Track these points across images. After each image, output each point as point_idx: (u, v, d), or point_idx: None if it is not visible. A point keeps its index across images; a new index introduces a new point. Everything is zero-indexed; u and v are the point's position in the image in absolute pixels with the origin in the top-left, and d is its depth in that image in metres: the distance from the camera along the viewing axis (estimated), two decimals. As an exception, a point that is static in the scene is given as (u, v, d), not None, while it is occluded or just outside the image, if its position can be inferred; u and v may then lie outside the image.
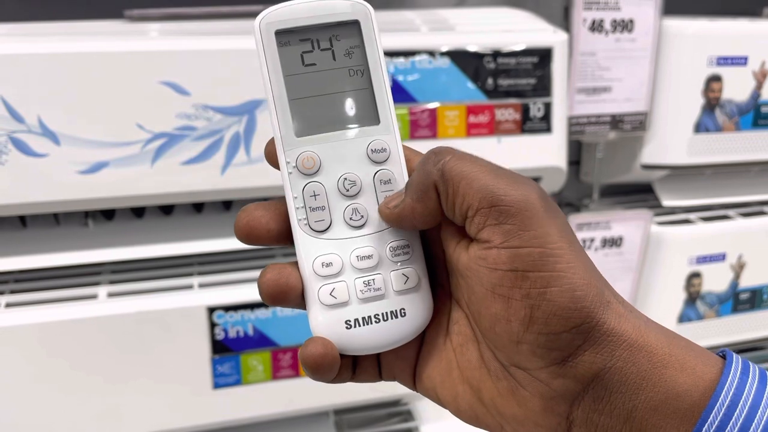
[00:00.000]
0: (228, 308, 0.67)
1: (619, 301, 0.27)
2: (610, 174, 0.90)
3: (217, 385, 0.68)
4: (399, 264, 0.31)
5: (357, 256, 0.30)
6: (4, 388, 0.64)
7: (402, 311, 0.31)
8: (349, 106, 0.31)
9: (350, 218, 0.31)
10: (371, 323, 0.30)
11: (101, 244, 0.69)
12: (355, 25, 0.31)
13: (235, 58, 0.64)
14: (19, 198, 0.62)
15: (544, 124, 0.74)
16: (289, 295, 0.30)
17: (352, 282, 0.30)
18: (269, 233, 0.30)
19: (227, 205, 0.74)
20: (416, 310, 0.31)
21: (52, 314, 0.64)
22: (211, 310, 0.67)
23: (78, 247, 0.69)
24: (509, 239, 0.27)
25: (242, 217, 0.30)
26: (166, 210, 0.73)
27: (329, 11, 0.31)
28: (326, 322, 0.30)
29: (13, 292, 0.68)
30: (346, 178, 0.31)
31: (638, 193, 0.97)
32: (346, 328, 0.30)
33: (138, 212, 0.72)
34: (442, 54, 0.70)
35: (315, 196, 0.30)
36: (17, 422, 0.64)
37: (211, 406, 0.69)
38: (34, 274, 0.70)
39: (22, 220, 0.70)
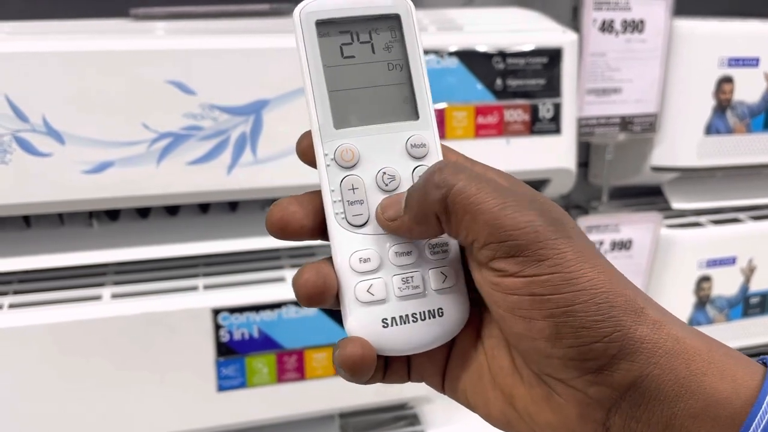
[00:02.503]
0: (233, 310, 0.67)
1: (654, 308, 0.27)
2: (619, 176, 0.89)
3: (221, 388, 0.68)
4: (437, 262, 0.30)
5: (395, 252, 0.30)
6: (8, 390, 0.63)
7: (440, 311, 0.30)
8: (388, 100, 0.31)
9: None
10: (408, 322, 0.29)
11: (106, 244, 0.69)
12: (395, 19, 0.31)
13: (241, 57, 0.63)
14: (23, 198, 0.61)
15: (554, 126, 0.73)
16: (326, 294, 0.29)
17: (390, 279, 0.29)
18: (303, 228, 0.30)
19: (233, 205, 0.74)
20: (454, 311, 0.30)
21: (56, 315, 0.64)
22: (216, 311, 0.66)
23: (82, 247, 0.68)
24: (524, 269, 0.26)
25: (275, 212, 0.30)
26: (172, 210, 0.72)
27: (370, 4, 0.30)
28: (363, 321, 0.29)
29: (16, 292, 0.68)
30: (384, 172, 0.30)
31: (647, 196, 0.96)
32: (383, 327, 0.29)
33: (143, 213, 0.72)
34: (450, 54, 0.69)
35: (353, 189, 0.30)
36: (20, 423, 0.64)
37: (215, 409, 0.68)
38: (38, 275, 0.70)
39: (26, 220, 0.70)
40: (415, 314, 0.29)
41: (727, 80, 0.81)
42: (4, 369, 0.63)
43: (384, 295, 0.29)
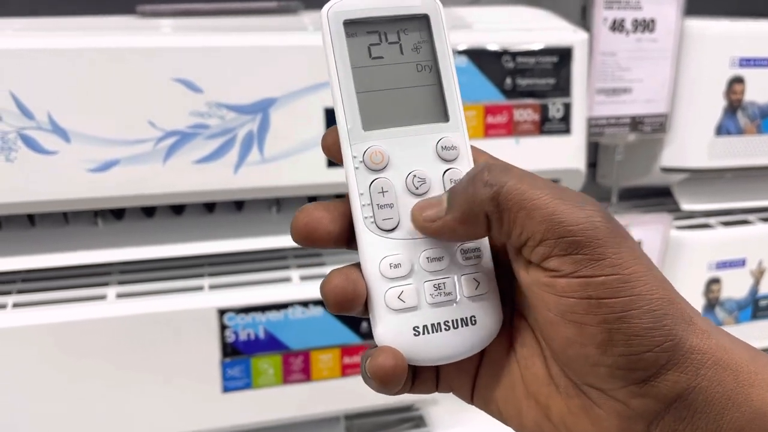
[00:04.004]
0: (239, 310, 0.66)
1: (700, 317, 0.26)
2: (628, 177, 0.89)
3: (226, 389, 0.67)
4: (469, 268, 0.29)
5: (427, 258, 0.29)
6: (11, 390, 0.63)
7: (472, 318, 0.29)
8: (418, 102, 0.30)
9: None
10: (441, 330, 0.28)
11: (111, 243, 0.68)
12: (424, 19, 0.30)
13: (249, 55, 0.63)
14: (27, 196, 0.61)
15: (563, 125, 0.72)
16: (356, 301, 0.28)
17: (421, 285, 0.29)
18: (329, 235, 0.29)
19: (239, 205, 0.73)
20: (487, 318, 0.29)
21: (60, 315, 0.63)
22: (222, 312, 0.66)
23: (87, 246, 0.68)
24: (580, 269, 0.25)
25: (301, 218, 0.29)
26: (177, 210, 0.72)
27: (398, 3, 0.30)
28: (393, 329, 0.28)
29: (20, 292, 0.67)
30: (415, 175, 0.29)
31: (657, 197, 0.95)
32: (414, 335, 0.28)
33: (148, 212, 0.71)
34: (460, 53, 0.68)
35: (383, 192, 0.29)
36: (24, 423, 0.64)
37: (220, 410, 0.68)
38: (42, 274, 0.69)
39: (31, 219, 0.69)
40: (447, 322, 0.29)
41: (738, 80, 0.81)
42: (8, 369, 0.62)
43: (415, 301, 0.28)
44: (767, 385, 0.24)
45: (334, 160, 0.30)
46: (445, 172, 0.29)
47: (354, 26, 0.29)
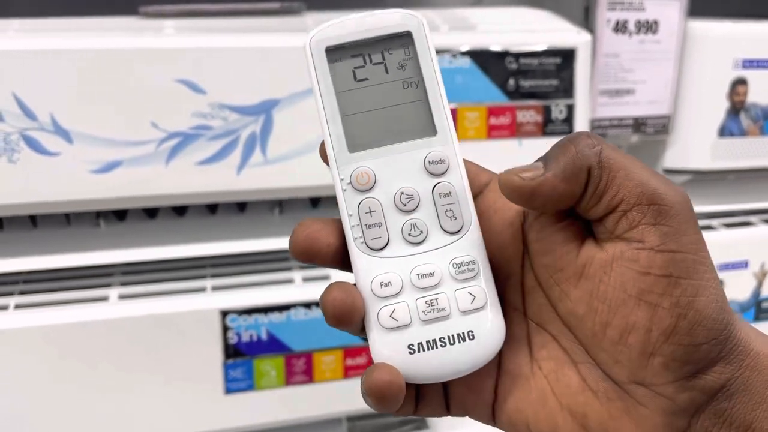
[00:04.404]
0: (241, 312, 0.66)
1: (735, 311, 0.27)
2: (630, 178, 0.88)
3: (229, 390, 0.67)
4: (464, 282, 0.29)
5: (417, 274, 0.28)
6: (12, 391, 0.63)
7: (470, 334, 0.28)
8: (404, 119, 0.30)
9: (409, 234, 0.29)
10: (436, 347, 0.28)
11: (113, 245, 0.68)
12: (407, 36, 0.30)
13: (252, 56, 0.63)
14: (30, 197, 0.61)
15: (566, 127, 0.72)
16: (354, 315, 0.28)
17: (413, 302, 0.28)
18: (329, 247, 0.29)
19: (242, 206, 0.73)
20: (486, 333, 0.28)
21: (62, 316, 0.63)
22: (224, 313, 0.66)
23: (89, 248, 0.68)
24: (667, 242, 0.25)
25: (300, 231, 0.29)
26: (180, 211, 0.72)
27: (380, 24, 0.30)
28: (388, 347, 0.28)
29: (22, 293, 0.67)
30: (402, 192, 0.29)
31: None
32: (410, 353, 0.28)
33: (151, 213, 0.71)
34: (463, 54, 0.68)
35: (370, 212, 0.29)
36: (26, 425, 0.63)
37: (222, 412, 0.68)
38: (44, 275, 0.69)
39: (33, 220, 0.69)
40: (443, 338, 0.28)
41: (741, 82, 0.81)
42: (9, 370, 0.62)
43: (408, 319, 0.28)
44: None
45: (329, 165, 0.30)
46: (434, 187, 0.29)
47: (337, 52, 0.30)
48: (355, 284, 0.29)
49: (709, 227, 0.88)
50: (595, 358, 0.27)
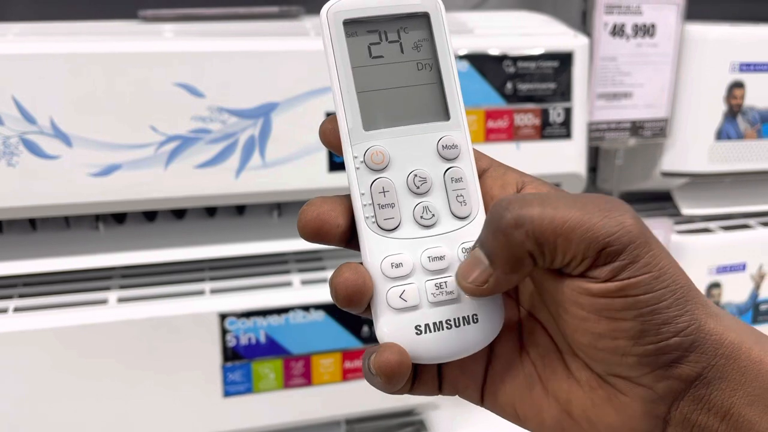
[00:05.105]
0: (240, 315, 0.66)
1: (711, 303, 0.27)
2: (628, 181, 0.89)
3: (227, 393, 0.67)
4: None
5: (428, 257, 0.29)
6: (12, 394, 0.63)
7: (474, 317, 0.29)
8: (418, 101, 0.30)
9: (421, 217, 0.29)
10: (442, 329, 0.29)
11: (112, 248, 0.68)
12: (424, 17, 0.30)
13: (250, 59, 0.63)
14: (29, 200, 0.61)
15: (564, 130, 0.73)
16: (365, 296, 0.28)
17: (423, 284, 0.29)
18: (338, 228, 0.29)
19: (240, 209, 0.73)
20: (489, 317, 0.29)
21: (61, 319, 0.63)
22: (223, 316, 0.66)
23: (88, 251, 0.68)
24: (618, 274, 0.26)
25: (310, 211, 0.29)
26: (179, 214, 0.72)
27: (399, 2, 0.30)
28: (395, 328, 0.28)
29: (21, 296, 0.67)
30: (416, 175, 0.29)
31: (657, 201, 0.95)
32: (416, 334, 0.28)
33: (150, 216, 0.71)
34: (461, 57, 0.68)
35: (384, 192, 0.29)
36: (25, 428, 0.63)
37: (221, 414, 0.68)
38: (44, 278, 0.69)
39: (32, 223, 0.69)
40: (450, 321, 0.29)
41: (738, 85, 0.81)
42: (9, 373, 0.62)
43: (417, 301, 0.28)
44: None
45: (330, 147, 0.30)
46: (446, 171, 0.29)
47: (353, 26, 0.29)
48: (361, 263, 0.29)
49: (706, 230, 0.88)
50: (576, 352, 0.28)
